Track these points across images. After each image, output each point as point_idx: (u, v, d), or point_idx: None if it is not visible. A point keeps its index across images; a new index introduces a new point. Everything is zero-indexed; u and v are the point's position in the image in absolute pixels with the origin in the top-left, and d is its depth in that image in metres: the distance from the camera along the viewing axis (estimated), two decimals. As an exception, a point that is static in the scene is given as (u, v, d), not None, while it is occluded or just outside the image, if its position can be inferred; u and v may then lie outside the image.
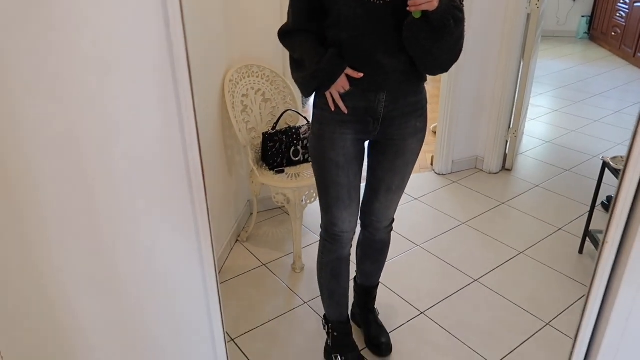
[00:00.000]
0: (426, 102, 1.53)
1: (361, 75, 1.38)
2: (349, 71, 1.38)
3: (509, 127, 3.18)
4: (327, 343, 1.85)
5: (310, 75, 1.40)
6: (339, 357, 1.78)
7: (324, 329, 1.85)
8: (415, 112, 1.49)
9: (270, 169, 2.33)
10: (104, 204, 0.89)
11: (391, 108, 1.44)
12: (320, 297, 1.79)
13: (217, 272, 1.00)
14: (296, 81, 1.48)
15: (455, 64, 1.43)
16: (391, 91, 1.42)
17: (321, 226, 1.65)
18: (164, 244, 0.94)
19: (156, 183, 0.91)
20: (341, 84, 1.39)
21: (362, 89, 1.40)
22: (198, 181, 0.87)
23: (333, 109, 1.44)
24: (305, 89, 1.46)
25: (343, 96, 1.42)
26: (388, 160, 1.55)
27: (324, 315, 1.83)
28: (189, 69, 0.84)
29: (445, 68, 1.42)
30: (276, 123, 2.36)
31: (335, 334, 1.79)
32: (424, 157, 3.52)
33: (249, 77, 2.39)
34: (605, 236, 0.59)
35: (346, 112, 1.43)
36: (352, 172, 1.52)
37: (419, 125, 1.52)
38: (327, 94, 1.43)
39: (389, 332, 1.92)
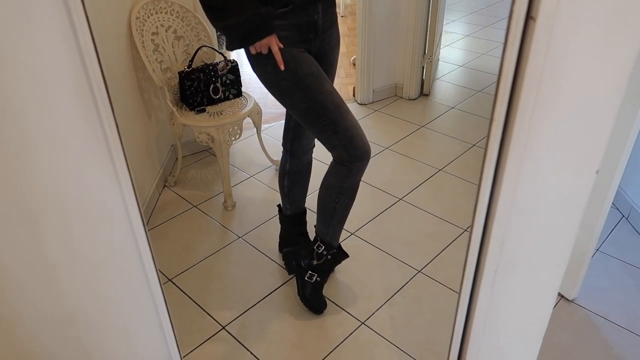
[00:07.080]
0: None
1: None
2: None
3: (424, 53, 3.28)
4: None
5: (244, 20, 1.32)
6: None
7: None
8: (335, 21, 1.58)
9: (190, 109, 2.28)
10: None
11: (325, 19, 1.51)
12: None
13: (140, 204, 0.99)
14: (222, 29, 1.37)
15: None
16: (324, 2, 1.47)
17: (336, 157, 1.48)
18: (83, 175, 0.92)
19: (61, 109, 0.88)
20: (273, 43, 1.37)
21: (303, 3, 1.41)
22: (103, 98, 0.84)
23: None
24: (237, 38, 1.36)
25: (286, 14, 1.41)
26: None
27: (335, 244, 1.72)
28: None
29: None
30: (191, 61, 2.28)
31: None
32: (346, 89, 3.57)
33: (156, 13, 2.27)
34: (492, 114, 0.66)
35: (282, 67, 1.40)
36: (328, 80, 1.49)
37: (338, 34, 1.63)
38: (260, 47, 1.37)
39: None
